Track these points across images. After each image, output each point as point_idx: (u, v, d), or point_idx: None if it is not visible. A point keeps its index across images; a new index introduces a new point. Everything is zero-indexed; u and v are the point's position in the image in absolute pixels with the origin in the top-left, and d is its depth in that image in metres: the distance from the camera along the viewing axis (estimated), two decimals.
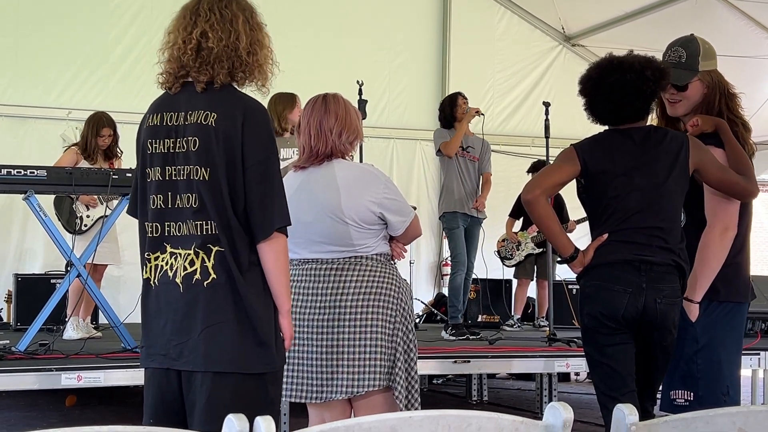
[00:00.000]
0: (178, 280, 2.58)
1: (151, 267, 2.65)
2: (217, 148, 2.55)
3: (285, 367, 3.35)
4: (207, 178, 2.55)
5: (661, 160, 3.32)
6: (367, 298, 3.34)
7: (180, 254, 2.59)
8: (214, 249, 2.55)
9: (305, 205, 3.36)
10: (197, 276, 2.56)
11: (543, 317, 8.52)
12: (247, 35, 2.63)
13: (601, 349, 3.36)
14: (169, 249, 2.61)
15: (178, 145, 2.60)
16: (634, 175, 3.32)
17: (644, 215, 3.30)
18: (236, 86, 2.67)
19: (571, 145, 3.47)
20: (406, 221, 3.47)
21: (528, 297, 9.05)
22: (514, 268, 8.75)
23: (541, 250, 8.52)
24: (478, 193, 7.33)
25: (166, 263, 2.61)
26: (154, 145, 2.64)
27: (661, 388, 3.50)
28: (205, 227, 2.56)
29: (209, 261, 2.56)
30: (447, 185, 7.27)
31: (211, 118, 2.57)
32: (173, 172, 2.60)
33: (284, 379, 3.37)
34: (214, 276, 2.55)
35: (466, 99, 7.38)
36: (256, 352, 2.58)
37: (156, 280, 2.63)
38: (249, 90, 2.73)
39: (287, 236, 2.65)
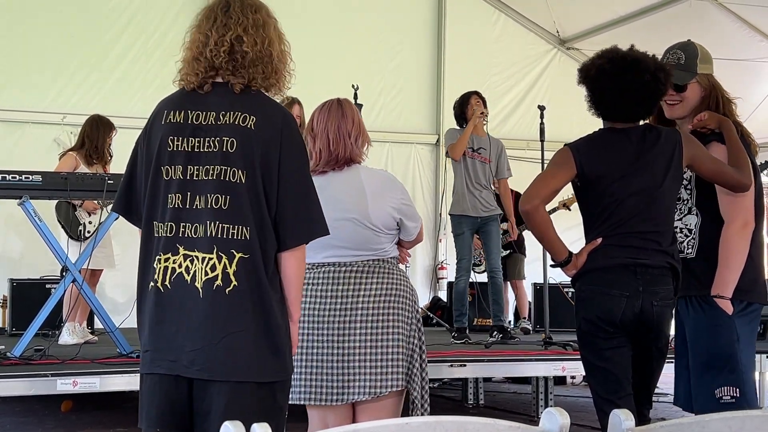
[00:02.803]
0: (197, 285, 2.49)
1: (161, 268, 2.53)
2: (257, 152, 2.51)
3: (304, 371, 3.36)
4: (244, 180, 2.50)
5: (657, 162, 3.31)
6: (387, 300, 3.39)
7: (197, 257, 2.49)
8: (238, 255, 2.48)
9: (327, 209, 3.36)
10: (218, 282, 2.48)
11: (525, 318, 8.53)
12: (279, 43, 2.64)
13: (599, 353, 3.35)
14: (182, 251, 2.51)
15: (205, 144, 2.53)
16: (631, 178, 3.30)
17: (640, 219, 3.30)
18: (264, 92, 2.64)
19: (566, 145, 3.44)
20: (419, 227, 3.58)
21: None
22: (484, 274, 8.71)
23: (507, 252, 8.54)
24: (490, 194, 7.09)
25: (180, 266, 2.51)
26: (176, 143, 2.55)
27: (693, 387, 3.40)
28: (232, 231, 2.49)
29: (231, 267, 2.48)
30: (455, 187, 7.10)
31: (250, 120, 2.52)
32: (194, 172, 2.52)
33: (303, 383, 3.38)
34: (236, 283, 2.48)
35: (480, 98, 7.16)
36: (272, 361, 2.53)
37: (168, 283, 2.52)
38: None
39: None
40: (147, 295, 2.57)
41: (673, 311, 3.40)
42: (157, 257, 2.54)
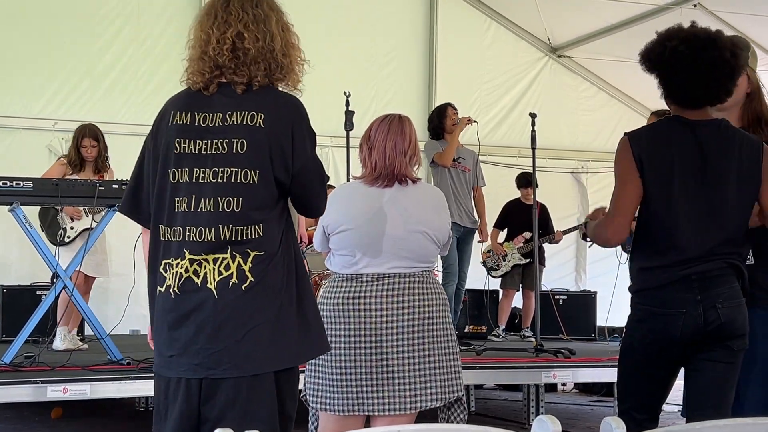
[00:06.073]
0: (210, 286, 2.47)
1: (170, 274, 2.51)
2: (269, 148, 2.49)
3: (376, 382, 3.38)
4: (257, 180, 2.48)
5: (723, 164, 3.05)
6: (443, 309, 3.52)
7: (206, 260, 2.48)
8: (253, 253, 2.48)
9: (397, 220, 3.48)
10: (234, 280, 2.47)
11: (527, 328, 8.56)
12: (281, 36, 2.60)
13: (636, 375, 3.17)
14: (188, 255, 2.49)
15: (213, 146, 2.51)
16: (689, 179, 3.05)
17: (700, 231, 3.04)
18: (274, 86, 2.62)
19: (625, 134, 3.15)
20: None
21: (514, 307, 9.07)
22: (500, 279, 8.78)
23: (528, 260, 8.56)
24: (472, 204, 7.35)
25: (186, 270, 2.49)
26: (182, 145, 2.53)
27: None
28: (246, 232, 2.48)
29: (246, 264, 2.47)
30: None
31: (258, 118, 2.50)
32: (201, 174, 2.50)
33: (370, 395, 3.39)
34: (252, 279, 2.47)
35: (456, 110, 7.39)
36: (292, 347, 2.55)
37: (177, 288, 2.50)
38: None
39: None
40: (157, 300, 2.57)
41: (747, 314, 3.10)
42: (165, 262, 2.53)
